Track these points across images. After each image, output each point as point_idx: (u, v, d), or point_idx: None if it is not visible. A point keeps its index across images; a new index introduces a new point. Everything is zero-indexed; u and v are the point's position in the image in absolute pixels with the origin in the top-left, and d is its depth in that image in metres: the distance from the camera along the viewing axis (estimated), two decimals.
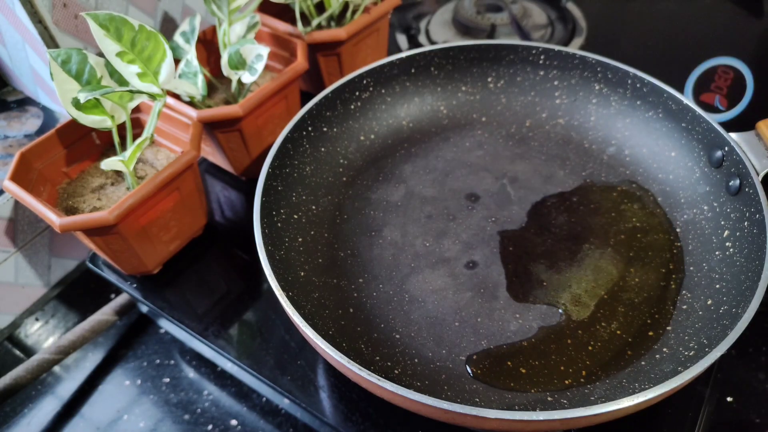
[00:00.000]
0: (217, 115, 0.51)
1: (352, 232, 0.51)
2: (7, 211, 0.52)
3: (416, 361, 0.42)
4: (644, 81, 0.53)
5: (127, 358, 0.54)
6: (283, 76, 0.54)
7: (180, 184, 0.49)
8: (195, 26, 0.55)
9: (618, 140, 0.55)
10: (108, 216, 0.43)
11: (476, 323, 0.44)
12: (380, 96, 0.57)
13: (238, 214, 0.59)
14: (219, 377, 0.52)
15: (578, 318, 0.44)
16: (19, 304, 0.57)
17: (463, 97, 0.60)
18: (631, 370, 0.41)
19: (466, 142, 0.58)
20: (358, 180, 0.55)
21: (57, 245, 0.58)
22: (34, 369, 0.50)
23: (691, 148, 0.50)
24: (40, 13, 0.50)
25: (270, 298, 0.52)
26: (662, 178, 0.52)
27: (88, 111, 0.45)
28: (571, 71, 0.57)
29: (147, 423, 0.50)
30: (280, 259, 0.44)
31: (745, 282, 0.40)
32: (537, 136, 0.58)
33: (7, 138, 0.58)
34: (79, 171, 0.51)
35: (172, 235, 0.51)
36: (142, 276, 0.53)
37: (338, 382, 0.46)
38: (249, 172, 0.59)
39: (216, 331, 0.49)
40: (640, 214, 0.50)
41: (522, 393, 0.40)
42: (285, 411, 0.50)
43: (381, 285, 0.47)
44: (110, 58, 0.42)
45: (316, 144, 0.54)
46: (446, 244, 0.49)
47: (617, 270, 0.47)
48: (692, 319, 0.42)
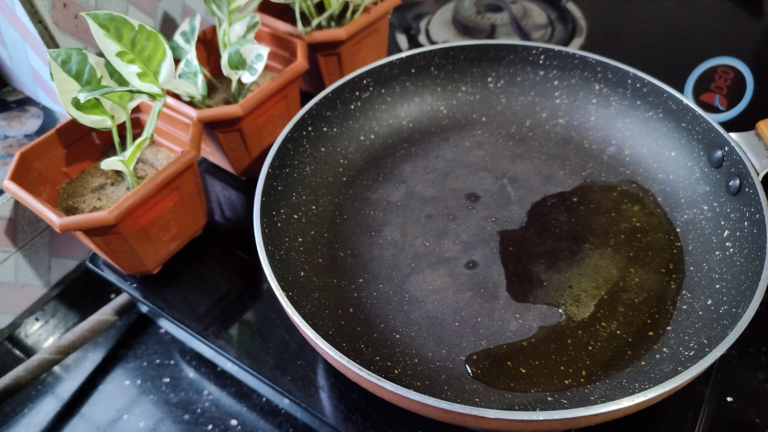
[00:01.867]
0: (217, 115, 0.51)
1: (352, 232, 0.51)
2: (7, 211, 0.52)
3: (416, 361, 0.42)
4: (644, 81, 0.53)
5: (127, 358, 0.54)
6: (283, 76, 0.54)
7: (180, 184, 0.49)
8: (195, 26, 0.55)
9: (618, 140, 0.55)
10: (108, 216, 0.43)
11: (476, 323, 0.44)
12: (380, 96, 0.57)
13: (238, 214, 0.59)
14: (219, 377, 0.52)
15: (578, 318, 0.44)
16: (19, 304, 0.57)
17: (463, 97, 0.60)
18: (631, 370, 0.41)
19: (466, 142, 0.58)
20: (358, 180, 0.55)
21: (57, 245, 0.58)
22: (34, 369, 0.50)
23: (691, 148, 0.50)
24: (40, 13, 0.50)
25: (270, 298, 0.52)
26: (662, 178, 0.52)
27: (88, 111, 0.45)
28: (571, 71, 0.57)
29: (147, 423, 0.50)
30: (280, 259, 0.44)
31: (745, 282, 0.40)
32: (537, 136, 0.58)
33: (7, 138, 0.58)
34: (79, 171, 0.51)
35: (172, 235, 0.51)
36: (142, 276, 0.53)
37: (338, 382, 0.46)
38: (249, 172, 0.59)
39: (216, 331, 0.49)
40: (640, 214, 0.50)
41: (522, 393, 0.40)
42: (285, 411, 0.50)
43: (381, 285, 0.47)
44: (110, 58, 0.42)
45: (316, 144, 0.54)
46: (446, 244, 0.49)
47: (617, 270, 0.47)
48: (692, 319, 0.42)
